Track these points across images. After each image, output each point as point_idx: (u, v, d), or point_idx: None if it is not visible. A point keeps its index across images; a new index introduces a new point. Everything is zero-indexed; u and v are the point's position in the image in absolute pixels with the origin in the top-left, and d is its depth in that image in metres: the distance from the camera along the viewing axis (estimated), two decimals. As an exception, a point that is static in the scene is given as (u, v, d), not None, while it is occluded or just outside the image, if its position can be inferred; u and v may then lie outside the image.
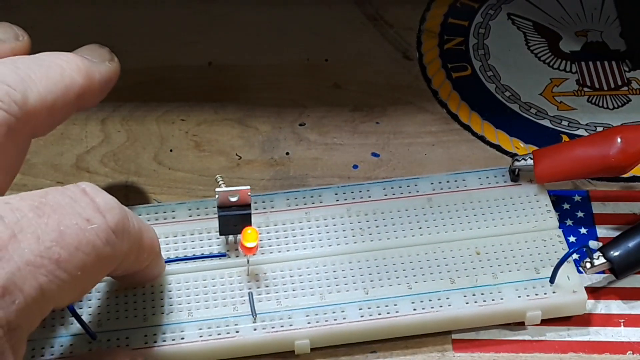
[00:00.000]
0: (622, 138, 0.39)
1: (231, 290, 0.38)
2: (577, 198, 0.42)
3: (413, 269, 0.38)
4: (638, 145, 0.39)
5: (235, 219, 0.38)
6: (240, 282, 0.38)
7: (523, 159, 0.41)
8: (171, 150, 0.45)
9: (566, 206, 0.42)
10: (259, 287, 0.38)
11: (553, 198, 0.41)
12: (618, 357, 0.37)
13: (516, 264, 0.38)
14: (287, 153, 0.44)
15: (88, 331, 0.36)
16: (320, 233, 0.39)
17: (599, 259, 0.38)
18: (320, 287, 0.38)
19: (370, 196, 0.41)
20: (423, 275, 0.38)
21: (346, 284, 0.38)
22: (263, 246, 0.39)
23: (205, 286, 0.38)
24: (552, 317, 0.38)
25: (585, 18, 0.51)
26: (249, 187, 0.37)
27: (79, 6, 0.51)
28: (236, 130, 0.45)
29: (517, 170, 0.41)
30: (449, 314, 0.37)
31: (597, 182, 0.43)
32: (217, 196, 0.37)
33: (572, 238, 0.41)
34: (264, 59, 0.49)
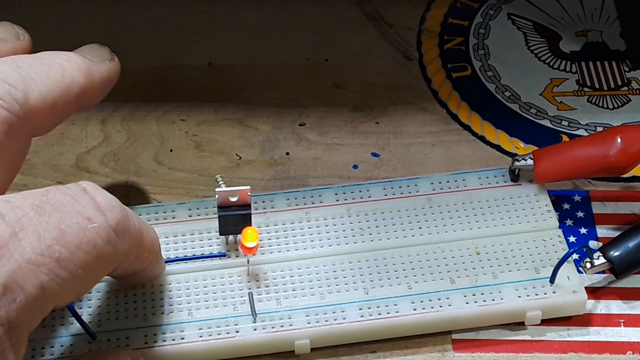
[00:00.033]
0: (622, 138, 0.39)
1: (231, 290, 0.37)
2: (577, 198, 0.42)
3: (413, 269, 0.38)
4: (638, 145, 0.39)
5: (235, 219, 0.38)
6: (240, 282, 0.38)
7: (523, 159, 0.41)
8: (171, 150, 0.45)
9: (566, 206, 0.42)
10: (259, 287, 0.38)
11: (553, 198, 0.41)
12: (618, 357, 0.37)
13: (516, 264, 0.38)
14: (287, 153, 0.44)
15: (88, 331, 0.36)
16: (320, 233, 0.39)
17: (599, 259, 0.38)
18: (320, 287, 0.38)
19: (370, 196, 0.41)
20: (423, 275, 0.38)
21: (346, 284, 0.38)
22: (263, 246, 0.39)
23: (205, 286, 0.38)
24: (552, 317, 0.38)
25: (585, 18, 0.51)
26: (249, 187, 0.37)
27: (79, 6, 0.51)
28: (236, 130, 0.45)
29: (517, 170, 0.41)
30: (449, 314, 0.37)
31: (597, 182, 0.43)
32: (217, 196, 0.37)
33: (572, 238, 0.41)
34: (264, 59, 0.48)
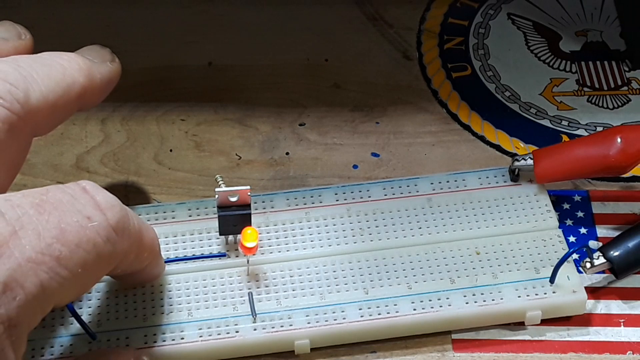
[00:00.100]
0: (622, 138, 0.39)
1: (231, 290, 0.37)
2: (577, 198, 0.42)
3: (413, 269, 0.38)
4: (638, 145, 0.39)
5: (235, 219, 0.38)
6: (240, 282, 0.38)
7: (523, 159, 0.41)
8: (171, 150, 0.45)
9: (566, 206, 0.42)
10: (259, 287, 0.38)
11: (553, 198, 0.41)
12: (618, 357, 0.37)
13: (516, 264, 0.38)
14: (287, 153, 0.44)
15: (88, 331, 0.36)
16: (320, 233, 0.39)
17: (599, 259, 0.38)
18: (320, 287, 0.38)
19: (370, 196, 0.41)
20: (423, 275, 0.38)
21: (346, 284, 0.38)
22: (263, 246, 0.39)
23: (205, 286, 0.38)
24: (552, 317, 0.38)
25: (585, 18, 0.51)
26: (249, 187, 0.37)
27: (79, 6, 0.51)
28: (236, 130, 0.45)
29: (517, 170, 0.41)
30: (449, 314, 0.37)
31: (597, 182, 0.43)
32: (217, 196, 0.37)
33: (572, 238, 0.41)
34: (264, 59, 0.48)
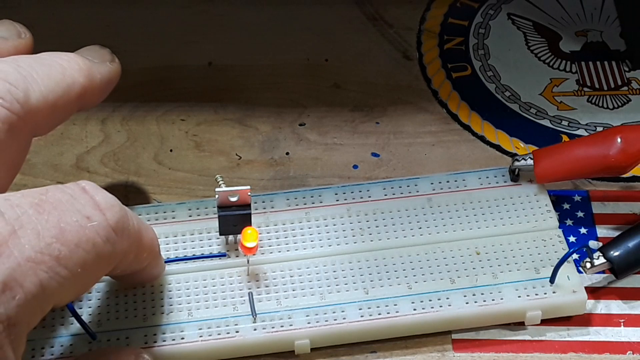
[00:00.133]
0: (622, 138, 0.39)
1: (231, 290, 0.37)
2: (577, 198, 0.42)
3: (413, 269, 0.38)
4: (638, 145, 0.39)
5: (235, 219, 0.38)
6: (240, 282, 0.38)
7: (523, 159, 0.41)
8: (171, 150, 0.45)
9: (566, 206, 0.42)
10: (259, 287, 0.37)
11: (553, 198, 0.41)
12: (618, 357, 0.37)
13: (516, 264, 0.38)
14: (287, 153, 0.44)
15: (88, 331, 0.36)
16: (320, 233, 0.39)
17: (599, 259, 0.38)
18: (320, 287, 0.38)
19: (370, 196, 0.41)
20: (423, 275, 0.38)
21: (346, 284, 0.38)
22: (263, 246, 0.39)
23: (205, 286, 0.38)
24: (552, 317, 0.38)
25: (585, 18, 0.51)
26: (249, 187, 0.37)
27: (79, 6, 0.51)
28: (236, 130, 0.45)
29: (517, 170, 0.41)
30: (449, 314, 0.37)
31: (597, 182, 0.43)
32: (217, 196, 0.37)
33: (572, 238, 0.41)
34: (264, 59, 0.48)
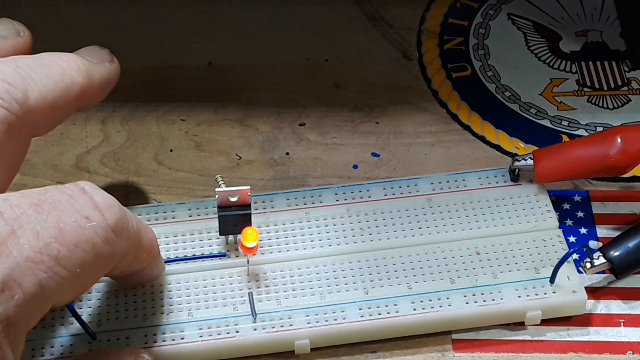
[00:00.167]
0: (622, 138, 0.39)
1: (231, 290, 0.37)
2: (577, 198, 0.42)
3: (413, 269, 0.38)
4: (638, 145, 0.39)
5: (235, 219, 0.38)
6: (240, 282, 0.38)
7: (523, 159, 0.41)
8: (171, 150, 0.45)
9: (566, 206, 0.42)
10: (259, 287, 0.37)
11: (553, 198, 0.41)
12: (618, 357, 0.37)
13: (516, 264, 0.38)
14: (287, 153, 0.44)
15: (88, 331, 0.36)
16: (320, 233, 0.39)
17: (599, 259, 0.38)
18: (320, 287, 0.38)
19: (370, 196, 0.41)
20: (423, 275, 0.38)
21: (346, 284, 0.38)
22: (263, 246, 0.39)
23: (205, 286, 0.38)
24: (552, 317, 0.38)
25: (585, 18, 0.51)
26: (249, 187, 0.37)
27: (79, 6, 0.51)
28: (236, 130, 0.45)
29: (517, 170, 0.41)
30: (449, 314, 0.37)
31: (597, 182, 0.43)
32: (217, 196, 0.37)
33: (572, 238, 0.41)
34: (264, 59, 0.48)
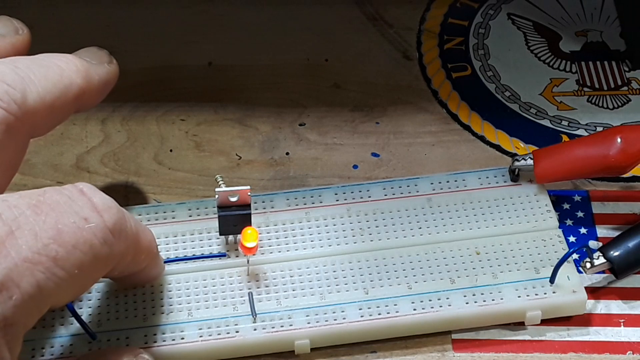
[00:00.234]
0: (622, 138, 0.39)
1: (231, 290, 0.37)
2: (577, 198, 0.42)
3: (413, 269, 0.38)
4: (638, 145, 0.39)
5: (235, 219, 0.38)
6: (240, 282, 0.38)
7: (523, 159, 0.41)
8: (171, 150, 0.45)
9: (566, 206, 0.42)
10: (259, 287, 0.37)
11: (553, 198, 0.41)
12: (618, 357, 0.37)
13: (516, 264, 0.38)
14: (287, 153, 0.44)
15: (88, 331, 0.36)
16: (320, 233, 0.39)
17: (599, 259, 0.38)
18: (320, 287, 0.38)
19: (370, 196, 0.41)
20: (423, 275, 0.38)
21: (346, 284, 0.38)
22: (263, 246, 0.39)
23: (205, 286, 0.38)
24: (552, 317, 0.38)
25: (585, 18, 0.51)
26: (249, 187, 0.37)
27: (79, 6, 0.51)
28: (236, 130, 0.45)
29: (517, 170, 0.41)
30: (449, 314, 0.37)
31: (597, 182, 0.43)
32: (217, 196, 0.37)
33: (572, 238, 0.41)
34: (264, 59, 0.48)
